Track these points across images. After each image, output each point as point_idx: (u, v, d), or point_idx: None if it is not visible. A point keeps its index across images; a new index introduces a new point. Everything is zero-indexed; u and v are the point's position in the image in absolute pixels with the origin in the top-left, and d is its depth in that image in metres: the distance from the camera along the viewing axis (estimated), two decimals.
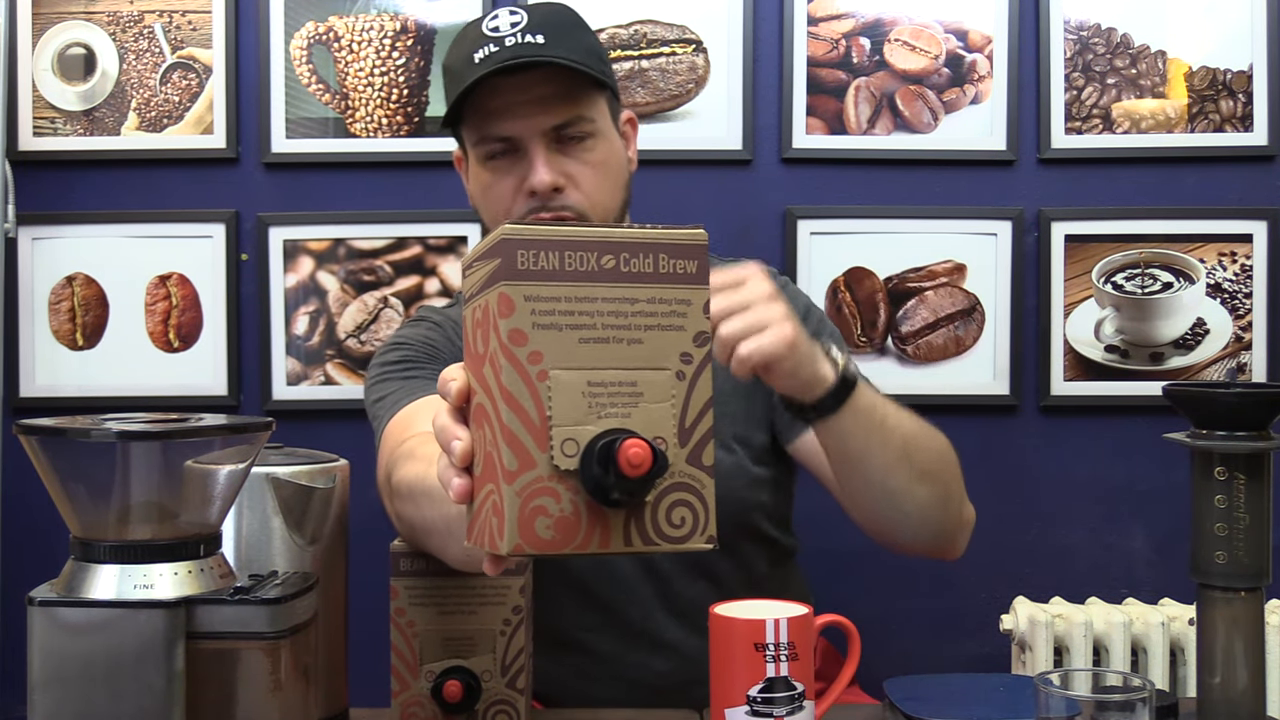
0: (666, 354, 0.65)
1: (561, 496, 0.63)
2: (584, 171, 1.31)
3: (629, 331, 0.65)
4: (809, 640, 1.01)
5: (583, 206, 1.31)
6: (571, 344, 0.64)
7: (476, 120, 1.31)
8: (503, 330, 0.63)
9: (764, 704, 0.98)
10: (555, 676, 1.40)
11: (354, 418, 1.93)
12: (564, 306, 0.64)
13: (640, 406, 0.64)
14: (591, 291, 0.64)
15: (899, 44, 1.92)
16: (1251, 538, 0.99)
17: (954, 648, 1.94)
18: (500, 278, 0.63)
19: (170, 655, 0.85)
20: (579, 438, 0.63)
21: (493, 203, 1.33)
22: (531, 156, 1.29)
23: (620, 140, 1.38)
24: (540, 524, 0.62)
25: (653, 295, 0.65)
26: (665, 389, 0.65)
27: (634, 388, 0.64)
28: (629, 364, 0.65)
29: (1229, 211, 1.92)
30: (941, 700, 1.09)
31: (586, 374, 0.64)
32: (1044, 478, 1.94)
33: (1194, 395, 1.01)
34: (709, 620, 1.03)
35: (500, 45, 1.27)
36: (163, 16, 1.93)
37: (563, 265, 0.64)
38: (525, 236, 0.63)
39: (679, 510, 0.65)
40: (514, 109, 1.28)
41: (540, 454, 0.63)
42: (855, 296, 1.92)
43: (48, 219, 1.93)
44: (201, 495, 0.92)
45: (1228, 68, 1.92)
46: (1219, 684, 1.00)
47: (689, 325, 0.66)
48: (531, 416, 0.63)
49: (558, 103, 1.28)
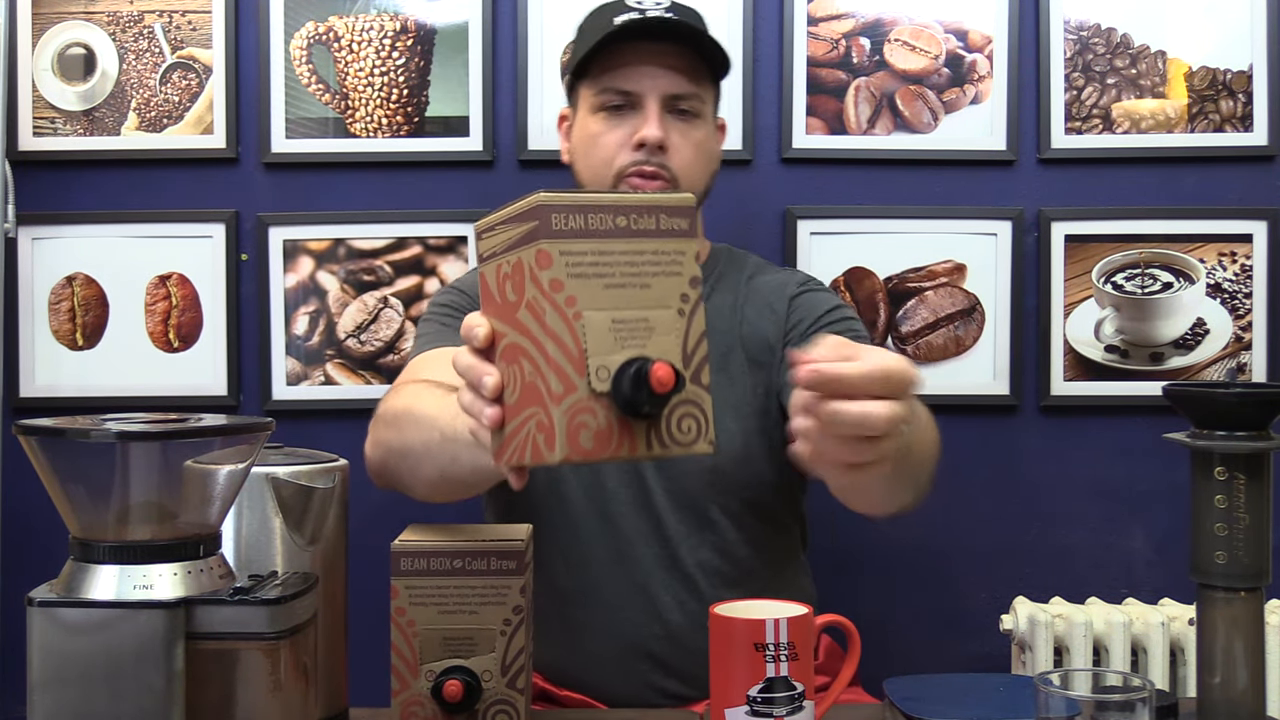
0: (670, 295, 0.80)
1: (598, 413, 0.77)
2: (686, 144, 1.43)
3: (640, 278, 0.79)
4: (809, 640, 1.01)
5: (678, 172, 1.42)
6: (598, 289, 0.78)
7: (602, 73, 1.43)
8: (544, 280, 0.77)
9: (764, 704, 0.98)
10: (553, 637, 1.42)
11: (354, 417, 1.92)
12: (590, 259, 0.78)
13: (653, 338, 0.79)
14: (610, 245, 0.78)
15: (899, 44, 1.92)
16: (1251, 538, 0.99)
17: (954, 648, 1.94)
18: (540, 236, 0.77)
19: (170, 655, 0.85)
20: (610, 365, 0.77)
21: (598, 150, 1.43)
22: (647, 112, 1.41)
23: (716, 133, 1.51)
24: (583, 436, 0.76)
25: (656, 248, 0.80)
26: (671, 323, 0.80)
27: (647, 323, 0.79)
28: (642, 304, 0.79)
29: (1229, 211, 1.92)
30: (941, 700, 1.09)
31: (611, 313, 0.78)
32: (1044, 478, 1.94)
33: (1194, 395, 1.01)
34: (709, 620, 1.03)
35: (643, 15, 1.42)
36: (163, 16, 1.93)
37: (587, 225, 0.78)
38: (558, 202, 0.77)
39: (686, 421, 0.79)
40: (642, 68, 1.41)
41: (580, 380, 0.76)
42: (855, 296, 1.92)
43: (48, 219, 1.93)
44: (201, 495, 0.92)
45: (1228, 68, 1.92)
46: (1219, 684, 1.00)
47: (685, 271, 0.81)
48: (571, 350, 0.76)
49: (682, 75, 1.42)
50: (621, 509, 1.42)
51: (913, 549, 1.93)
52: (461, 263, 1.91)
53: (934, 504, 1.88)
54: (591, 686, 1.43)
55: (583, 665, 1.43)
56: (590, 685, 1.43)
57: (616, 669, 1.41)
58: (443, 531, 1.10)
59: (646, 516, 1.42)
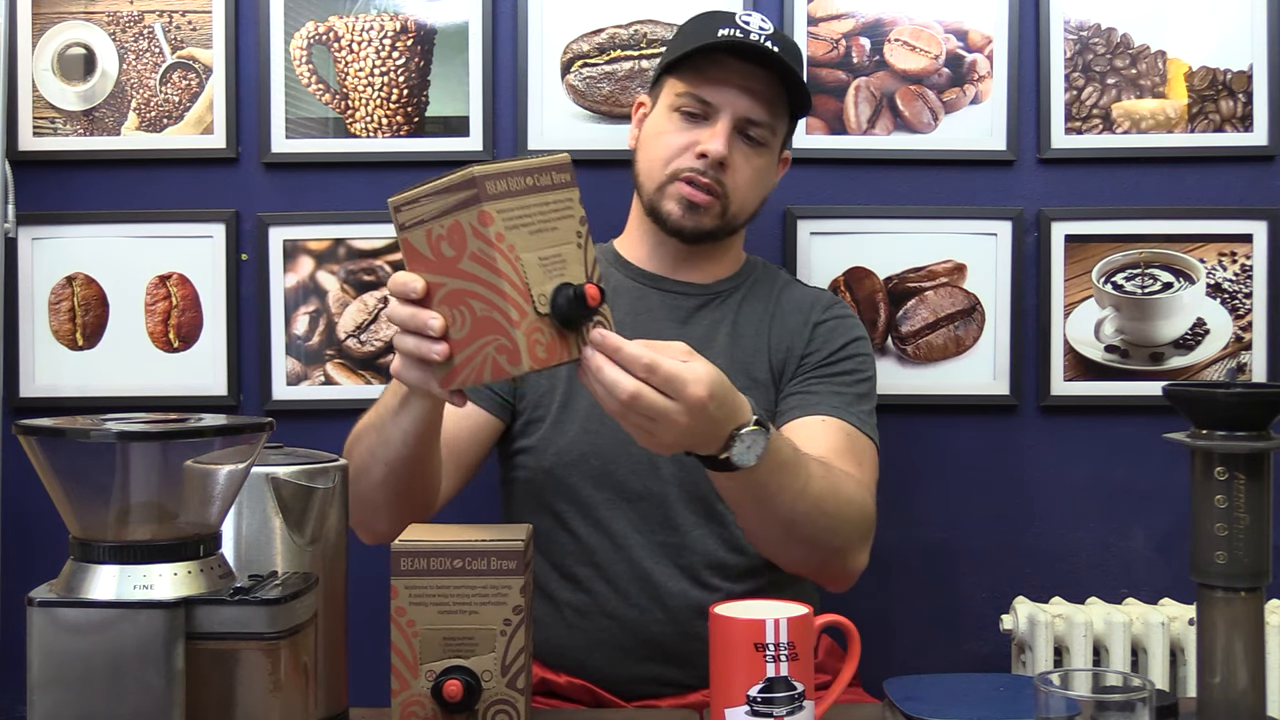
0: (570, 233, 1.02)
1: (544, 330, 0.98)
2: (746, 167, 1.49)
3: (549, 223, 1.01)
4: (809, 640, 1.01)
5: (731, 190, 1.48)
6: (526, 236, 0.98)
7: (689, 77, 1.48)
8: (489, 234, 0.96)
9: (764, 704, 0.98)
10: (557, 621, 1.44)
11: (354, 417, 1.92)
12: (516, 213, 0.98)
13: (568, 268, 1.01)
14: (526, 200, 0.99)
15: (899, 44, 1.92)
16: (1251, 538, 0.99)
17: (954, 648, 1.94)
18: (481, 200, 0.96)
19: (170, 656, 0.85)
20: (546, 292, 0.98)
21: (660, 147, 1.49)
22: (718, 127, 1.46)
23: (778, 165, 1.57)
24: (538, 349, 0.97)
25: (556, 198, 1.01)
26: (575, 254, 1.02)
27: (560, 257, 1.01)
28: (555, 244, 1.01)
29: (1229, 211, 1.92)
30: (941, 700, 1.09)
31: (538, 253, 0.99)
32: (1044, 478, 1.94)
33: (1194, 395, 1.01)
34: (709, 620, 1.03)
35: (746, 36, 1.46)
36: (163, 16, 1.93)
37: (510, 188, 0.98)
38: (489, 173, 0.97)
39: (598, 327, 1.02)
40: (727, 84, 1.46)
41: (528, 306, 0.97)
42: (855, 296, 1.92)
43: (48, 219, 1.93)
44: (201, 495, 0.92)
45: (1228, 68, 1.92)
46: (1219, 684, 1.00)
47: (574, 214, 1.03)
48: (519, 285, 0.97)
49: (762, 103, 1.47)
50: (632, 497, 1.45)
51: (912, 549, 1.93)
52: None
53: (934, 504, 1.90)
54: (592, 669, 1.44)
55: (585, 649, 1.45)
56: (591, 669, 1.44)
57: (618, 654, 1.43)
58: (443, 531, 1.10)
59: (655, 505, 1.45)
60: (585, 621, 1.45)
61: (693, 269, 1.55)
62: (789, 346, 1.52)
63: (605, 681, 1.44)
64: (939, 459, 1.93)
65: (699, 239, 1.51)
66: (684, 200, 1.47)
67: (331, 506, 1.09)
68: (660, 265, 1.56)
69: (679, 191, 1.47)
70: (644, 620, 1.43)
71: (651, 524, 1.45)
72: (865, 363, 1.54)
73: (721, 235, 1.52)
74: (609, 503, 1.45)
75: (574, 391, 1.47)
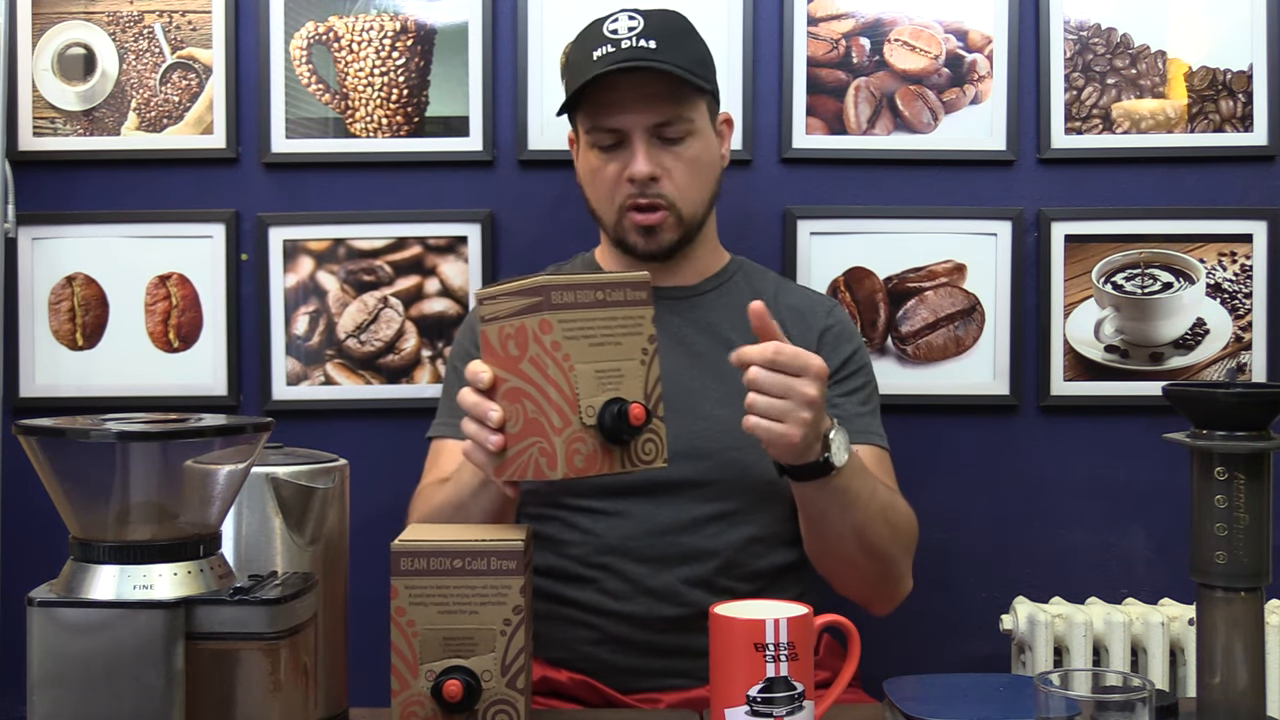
0: (634, 350, 1.06)
1: (587, 441, 1.03)
2: (679, 166, 1.48)
3: (612, 337, 1.05)
4: (809, 640, 1.01)
5: (674, 196, 1.48)
6: (585, 347, 1.03)
7: (590, 110, 1.48)
8: (546, 341, 1.02)
9: (764, 704, 0.98)
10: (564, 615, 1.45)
11: (354, 417, 1.93)
12: (579, 324, 1.03)
13: (624, 383, 1.05)
14: (592, 314, 1.04)
15: (899, 44, 1.92)
16: (1251, 538, 0.99)
17: (954, 648, 1.94)
18: (543, 308, 1.02)
19: (169, 656, 0.85)
20: (595, 405, 1.03)
21: (598, 185, 1.51)
22: (634, 148, 1.46)
23: (716, 139, 1.55)
24: (577, 459, 1.03)
25: (624, 314, 1.06)
26: (636, 371, 1.06)
27: (619, 372, 1.05)
28: (616, 357, 1.05)
29: (1229, 211, 1.92)
30: (941, 700, 1.09)
31: (594, 365, 1.03)
32: (1044, 478, 1.94)
33: (1194, 395, 1.01)
34: (709, 620, 1.03)
35: (617, 47, 1.44)
36: (163, 16, 1.93)
37: (576, 299, 1.03)
38: (557, 283, 1.02)
39: (649, 445, 1.07)
40: (623, 105, 1.45)
41: (574, 416, 1.02)
42: (855, 296, 1.92)
43: (48, 219, 1.93)
44: (201, 495, 0.92)
45: (1228, 68, 1.92)
46: (1219, 684, 1.00)
47: (643, 331, 1.07)
48: (567, 394, 1.02)
49: (662, 103, 1.45)
50: (643, 492, 1.45)
51: None
52: (461, 262, 1.91)
53: (934, 504, 1.89)
54: (596, 661, 1.44)
55: (591, 644, 1.45)
56: (596, 665, 1.44)
57: (623, 649, 1.44)
58: (443, 531, 1.10)
59: (668, 499, 1.45)
60: (592, 617, 1.45)
61: (673, 273, 1.56)
62: None
63: (609, 676, 1.44)
64: (939, 459, 1.93)
65: (671, 253, 1.52)
66: (639, 228, 1.49)
67: (331, 506, 1.09)
68: None
69: (632, 222, 1.49)
70: (650, 617, 1.43)
71: (660, 522, 1.45)
72: (869, 370, 1.57)
73: (690, 237, 1.53)
74: (617, 501, 1.45)
75: None
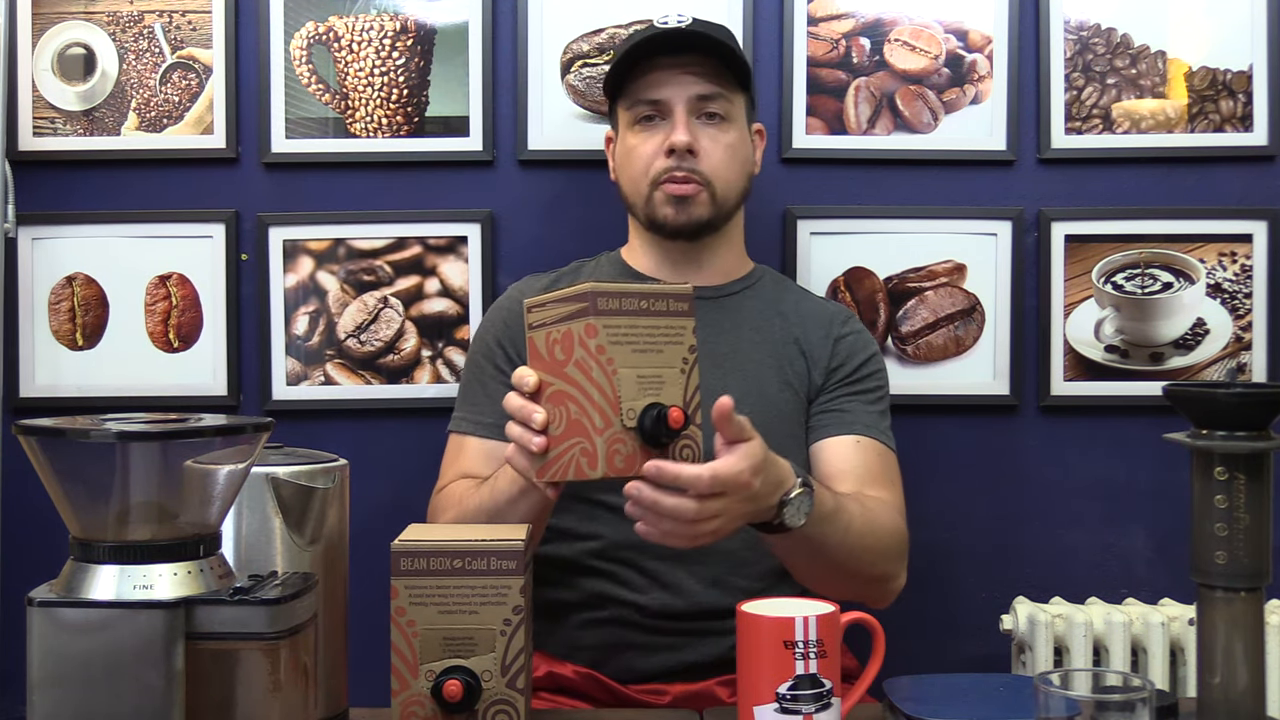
0: (674, 359, 1.09)
1: (627, 443, 1.06)
2: (716, 147, 1.50)
3: (655, 345, 1.08)
4: (836, 638, 1.02)
5: (710, 175, 1.50)
6: (628, 353, 1.06)
7: (633, 86, 1.51)
8: (590, 345, 1.05)
9: (793, 701, 0.99)
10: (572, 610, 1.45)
11: (354, 417, 1.93)
12: (623, 331, 1.06)
13: (665, 389, 1.08)
14: (636, 321, 1.07)
15: (899, 44, 1.92)
16: (1251, 538, 0.99)
17: (954, 648, 1.94)
18: (589, 314, 1.05)
19: (169, 656, 0.85)
20: (635, 408, 1.06)
21: (636, 162, 1.52)
22: (675, 119, 1.49)
23: (750, 140, 1.58)
24: (616, 459, 1.05)
25: (667, 324, 1.09)
26: (676, 379, 1.09)
27: (660, 378, 1.08)
28: (657, 365, 1.08)
29: (1229, 211, 1.92)
30: (941, 700, 1.09)
31: (636, 370, 1.07)
32: (1044, 478, 1.94)
33: (1194, 395, 1.01)
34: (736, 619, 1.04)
35: (664, 30, 1.50)
36: (163, 16, 1.93)
37: (621, 306, 1.07)
38: (603, 290, 1.06)
39: (686, 450, 1.09)
40: (666, 77, 1.49)
41: (615, 418, 1.05)
42: (855, 296, 1.92)
43: (48, 219, 1.93)
44: (201, 495, 0.92)
45: (1228, 68, 1.92)
46: (1219, 684, 1.00)
47: (684, 341, 1.10)
48: (610, 396, 1.05)
49: (705, 77, 1.49)
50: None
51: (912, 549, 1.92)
52: (461, 262, 1.91)
53: (934, 504, 1.90)
54: (605, 651, 1.45)
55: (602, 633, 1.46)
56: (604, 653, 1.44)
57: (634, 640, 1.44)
58: (443, 531, 1.10)
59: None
60: (605, 608, 1.46)
61: (700, 271, 1.56)
62: (814, 356, 1.55)
63: (617, 668, 1.44)
64: (939, 459, 1.93)
65: (699, 232, 1.53)
66: (672, 199, 1.50)
67: (331, 506, 1.09)
68: (669, 271, 1.58)
69: (665, 193, 1.50)
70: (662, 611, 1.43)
71: None
72: (884, 377, 1.59)
73: (720, 222, 1.54)
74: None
75: None
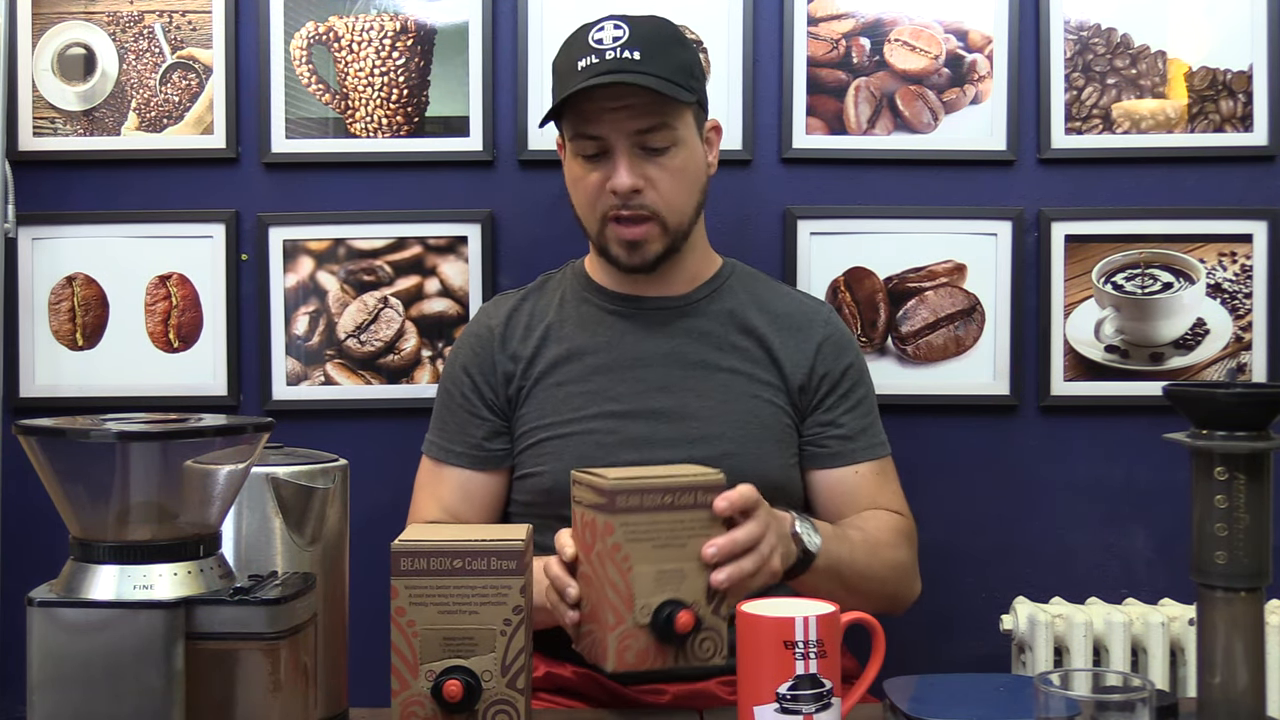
0: (697, 553, 1.09)
1: (640, 638, 1.08)
2: (663, 176, 1.46)
3: (678, 538, 1.09)
4: (836, 638, 1.02)
5: (658, 207, 1.46)
6: (647, 549, 1.07)
7: (573, 119, 1.47)
8: (608, 542, 1.07)
9: (793, 701, 0.99)
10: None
11: (354, 417, 1.93)
12: (644, 528, 1.07)
13: (685, 583, 1.09)
14: (657, 517, 1.08)
15: (899, 44, 1.92)
16: (1251, 538, 0.99)
17: (954, 648, 1.94)
18: (607, 510, 1.07)
19: (169, 656, 0.85)
20: (651, 604, 1.08)
21: (581, 193, 1.49)
22: (616, 159, 1.44)
23: (702, 147, 1.52)
24: (628, 655, 1.07)
25: (693, 517, 1.09)
26: (699, 573, 1.10)
27: (681, 573, 1.09)
28: (679, 559, 1.09)
29: (1229, 211, 1.92)
30: (941, 700, 1.09)
31: (656, 566, 1.08)
32: (1044, 478, 1.94)
33: (1194, 395, 1.01)
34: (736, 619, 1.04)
35: (600, 58, 1.43)
36: (163, 16, 1.93)
37: (643, 503, 1.07)
38: (624, 488, 1.07)
39: (707, 643, 1.10)
40: (605, 114, 1.43)
41: (628, 615, 1.07)
42: (855, 296, 1.92)
43: (48, 219, 1.93)
44: (201, 495, 0.92)
45: (1228, 68, 1.92)
46: (1219, 684, 1.00)
47: (712, 534, 1.10)
48: (623, 593, 1.07)
49: (644, 111, 1.43)
50: None
51: None
52: (461, 262, 1.91)
53: (934, 504, 1.90)
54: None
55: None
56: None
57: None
58: (443, 531, 1.10)
59: None
60: None
61: (664, 283, 1.54)
62: (792, 358, 1.53)
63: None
64: (939, 459, 1.93)
65: (656, 265, 1.50)
66: (623, 242, 1.47)
67: (331, 506, 1.09)
68: (632, 285, 1.55)
69: (615, 235, 1.47)
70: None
71: None
72: (866, 376, 1.57)
73: (678, 248, 1.51)
74: None
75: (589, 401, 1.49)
